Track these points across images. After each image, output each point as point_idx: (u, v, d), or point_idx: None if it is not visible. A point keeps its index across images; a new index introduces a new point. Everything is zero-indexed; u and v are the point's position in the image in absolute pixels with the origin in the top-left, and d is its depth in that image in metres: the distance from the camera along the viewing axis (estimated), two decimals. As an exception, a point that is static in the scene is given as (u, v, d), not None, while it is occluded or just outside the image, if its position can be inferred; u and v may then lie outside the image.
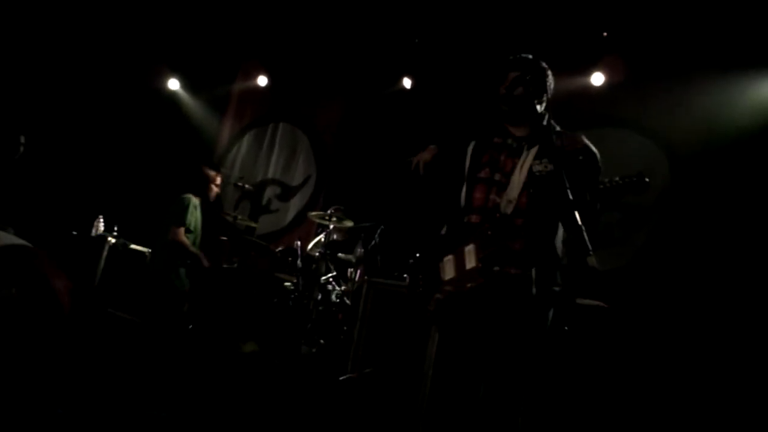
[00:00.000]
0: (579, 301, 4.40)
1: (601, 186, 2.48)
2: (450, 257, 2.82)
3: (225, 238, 6.67)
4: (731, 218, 5.40)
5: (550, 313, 2.75)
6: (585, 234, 2.30)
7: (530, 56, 2.97)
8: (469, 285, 2.67)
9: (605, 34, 6.28)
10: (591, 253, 2.26)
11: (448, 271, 2.81)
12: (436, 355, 3.05)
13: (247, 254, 6.43)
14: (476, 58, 6.77)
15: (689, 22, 5.84)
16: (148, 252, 6.72)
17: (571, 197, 2.37)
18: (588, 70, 6.42)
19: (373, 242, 5.96)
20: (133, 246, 6.83)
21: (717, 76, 5.69)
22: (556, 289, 2.73)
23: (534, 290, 2.66)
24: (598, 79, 6.41)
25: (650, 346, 4.89)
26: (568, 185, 2.40)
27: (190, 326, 5.70)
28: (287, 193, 8.40)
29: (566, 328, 2.64)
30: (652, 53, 6.12)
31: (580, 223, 2.29)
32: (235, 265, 6.34)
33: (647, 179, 2.47)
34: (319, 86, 8.29)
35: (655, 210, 5.90)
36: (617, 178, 2.49)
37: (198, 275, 5.63)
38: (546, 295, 2.70)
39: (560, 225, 2.69)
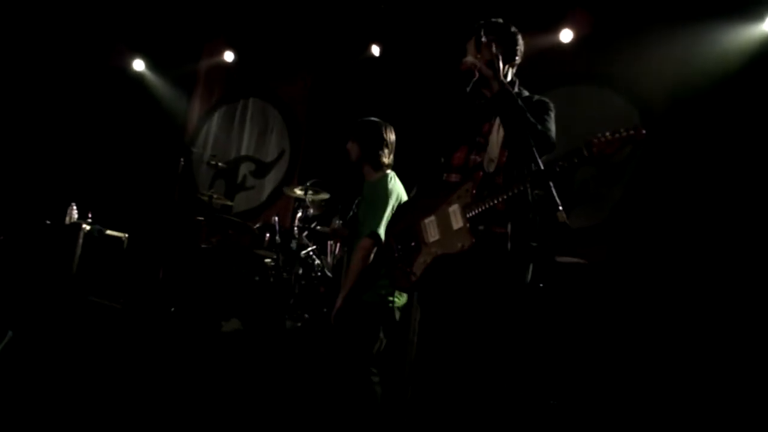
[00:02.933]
0: (558, 258, 4.43)
1: (596, 140, 2.44)
2: (432, 218, 2.79)
3: (201, 218, 6.61)
4: (704, 169, 5.44)
5: (529, 270, 2.76)
6: (554, 189, 2.30)
7: (500, 20, 2.94)
8: (460, 245, 2.65)
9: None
10: (560, 208, 2.25)
11: (432, 233, 2.77)
12: (420, 320, 3.03)
13: (225, 233, 6.37)
14: (443, 21, 6.71)
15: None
16: (125, 237, 6.65)
17: (537, 154, 2.39)
18: (556, 28, 6.37)
19: (351, 213, 5.92)
20: (109, 232, 6.75)
21: (684, 27, 5.68)
22: (533, 245, 2.73)
23: (509, 246, 2.66)
24: (566, 36, 6.37)
25: (629, 301, 4.93)
26: (533, 143, 2.42)
27: (172, 309, 5.66)
28: (262, 169, 8.32)
29: (541, 284, 2.64)
30: (618, 6, 6.09)
31: (549, 181, 2.29)
32: (214, 244, 6.30)
33: (644, 131, 2.44)
34: (287, 59, 8.17)
35: (628, 164, 5.92)
36: (615, 131, 2.46)
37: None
38: (522, 252, 2.70)
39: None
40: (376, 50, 7.43)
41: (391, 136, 3.88)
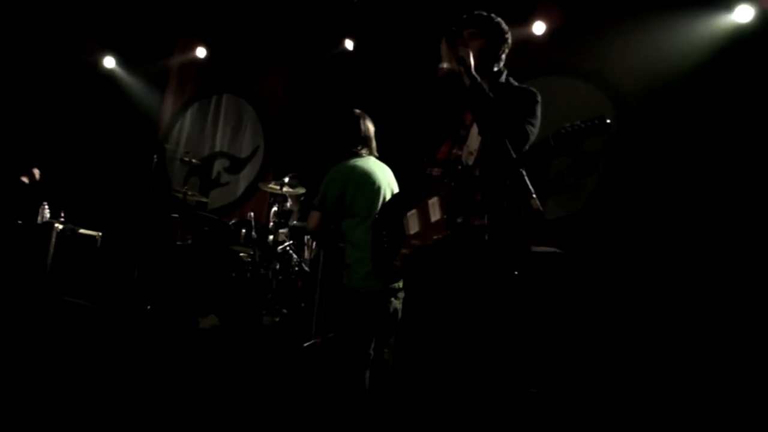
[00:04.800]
0: (534, 248, 4.47)
1: (563, 131, 2.48)
2: (413, 211, 2.83)
3: (176, 215, 6.56)
4: (677, 159, 5.51)
5: (506, 260, 2.77)
6: (526, 178, 2.33)
7: (484, 13, 2.95)
8: (435, 237, 2.68)
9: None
10: (533, 195, 2.28)
11: (413, 226, 2.82)
12: (402, 311, 3.05)
13: (200, 230, 6.33)
14: (417, 13, 6.72)
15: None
16: (98, 235, 6.58)
17: (509, 146, 2.42)
18: (529, 20, 6.40)
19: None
20: (82, 231, 6.68)
21: (655, 18, 5.75)
22: (509, 234, 2.75)
23: (487, 237, 2.68)
24: (538, 28, 6.41)
25: (604, 290, 4.99)
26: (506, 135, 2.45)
27: (148, 307, 5.62)
28: (237, 165, 8.28)
29: (516, 273, 2.65)
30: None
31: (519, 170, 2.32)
32: (189, 241, 6.25)
33: (608, 120, 2.48)
34: (261, 54, 8.12)
35: (603, 155, 5.98)
36: (578, 122, 2.49)
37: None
38: (500, 242, 2.72)
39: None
40: (350, 45, 7.41)
41: (369, 127, 3.92)
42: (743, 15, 5.44)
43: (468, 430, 2.68)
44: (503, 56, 2.96)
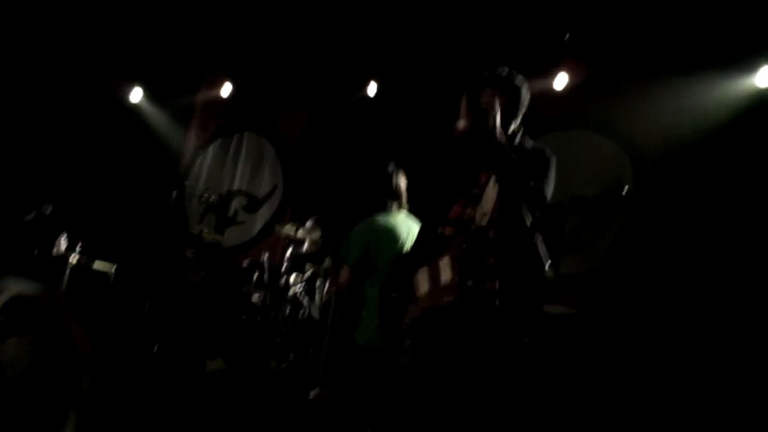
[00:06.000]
0: (547, 308, 4.38)
1: (581, 198, 2.45)
2: (424, 270, 2.78)
3: (190, 252, 6.55)
4: (696, 218, 5.43)
5: (518, 325, 2.71)
6: (540, 245, 2.28)
7: (505, 70, 2.92)
8: (445, 299, 2.63)
9: (567, 35, 6.27)
10: (548, 265, 2.23)
11: (423, 285, 2.76)
12: (409, 371, 2.99)
13: (213, 269, 6.32)
14: (441, 60, 6.76)
15: (649, 23, 5.87)
16: (112, 271, 6.57)
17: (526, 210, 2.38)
18: (550, 73, 6.39)
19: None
20: (96, 266, 6.65)
21: (678, 78, 5.73)
22: (521, 300, 2.69)
23: (498, 302, 2.62)
24: (560, 81, 6.40)
25: (622, 351, 4.88)
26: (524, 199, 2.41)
27: (156, 346, 5.58)
28: (254, 204, 8.28)
29: (526, 340, 2.59)
30: (613, 55, 6.14)
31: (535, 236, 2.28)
32: (201, 279, 6.23)
33: (625, 191, 2.44)
34: (284, 94, 8.18)
35: (619, 212, 5.91)
36: (597, 190, 2.46)
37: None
38: (512, 307, 2.66)
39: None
40: (373, 89, 7.43)
41: (401, 181, 4.04)
42: (765, 79, 5.39)
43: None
44: (521, 116, 2.92)
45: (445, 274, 2.65)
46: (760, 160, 5.27)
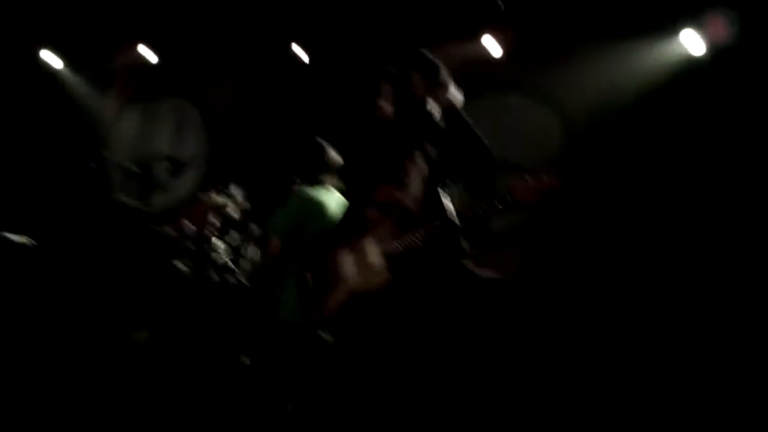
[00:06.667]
0: (475, 269, 4.40)
1: (518, 186, 2.43)
2: (350, 254, 2.72)
3: (113, 222, 6.31)
4: (622, 181, 5.53)
5: (447, 303, 2.70)
6: (462, 239, 2.28)
7: (428, 54, 2.88)
8: (375, 283, 2.59)
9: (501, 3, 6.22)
10: (467, 255, 2.23)
11: (349, 269, 2.70)
12: (331, 355, 2.95)
13: (139, 238, 6.11)
14: (369, 25, 6.63)
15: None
16: (30, 242, 6.29)
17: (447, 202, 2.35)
18: (479, 37, 6.35)
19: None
20: (11, 236, 6.35)
21: (607, 43, 5.77)
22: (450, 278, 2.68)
23: (427, 281, 2.60)
24: (492, 46, 6.36)
25: (549, 311, 4.96)
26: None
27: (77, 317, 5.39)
28: (178, 168, 8.00)
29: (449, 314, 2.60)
30: (544, 19, 6.15)
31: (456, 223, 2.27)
32: (126, 249, 6.03)
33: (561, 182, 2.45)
34: (209, 59, 7.89)
35: (557, 176, 5.95)
36: (529, 178, 2.45)
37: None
38: (441, 287, 2.65)
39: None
40: (302, 54, 7.23)
41: (334, 157, 4.04)
42: (690, 45, 5.48)
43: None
44: (440, 96, 2.89)
45: (375, 258, 2.61)
46: (686, 121, 5.39)
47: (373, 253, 2.62)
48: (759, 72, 5.11)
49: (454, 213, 2.47)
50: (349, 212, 2.92)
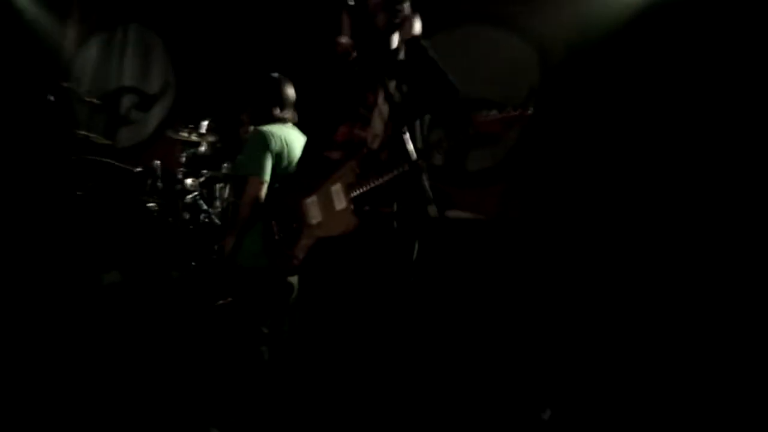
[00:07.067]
0: (451, 214, 4.35)
1: (483, 119, 2.33)
2: (313, 198, 2.63)
3: (76, 159, 6.13)
4: (599, 116, 5.44)
5: (415, 248, 2.65)
6: (426, 182, 2.18)
7: None
8: (342, 228, 2.52)
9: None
10: (431, 203, 2.14)
11: (314, 214, 2.62)
12: (300, 302, 2.89)
13: (104, 177, 5.96)
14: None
15: None
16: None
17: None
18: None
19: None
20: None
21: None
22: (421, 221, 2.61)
23: (396, 225, 2.54)
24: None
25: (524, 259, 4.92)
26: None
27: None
28: (146, 101, 7.78)
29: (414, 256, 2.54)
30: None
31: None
32: (91, 189, 5.88)
33: (529, 111, 2.34)
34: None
35: (525, 107, 5.85)
36: (495, 111, 2.34)
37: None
38: (410, 229, 2.58)
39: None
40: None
41: (290, 91, 3.82)
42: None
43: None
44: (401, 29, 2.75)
45: (339, 202, 2.53)
46: (663, 54, 5.27)
47: (338, 196, 2.53)
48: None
49: (415, 153, 2.35)
50: (310, 153, 2.82)
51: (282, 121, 3.75)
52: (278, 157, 3.59)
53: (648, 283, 4.72)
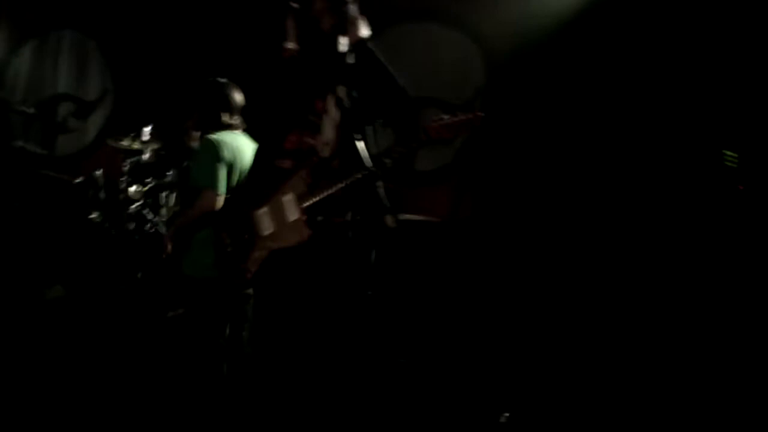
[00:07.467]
0: (404, 216, 4.33)
1: (435, 124, 2.31)
2: (265, 209, 2.57)
3: (13, 172, 5.92)
4: (543, 116, 5.50)
5: (372, 255, 2.61)
6: (381, 191, 2.16)
7: None
8: (296, 239, 2.46)
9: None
10: (389, 212, 2.12)
11: (266, 226, 2.56)
12: (254, 314, 2.83)
13: (40, 190, 5.77)
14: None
15: None
16: None
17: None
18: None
19: (184, 165, 5.50)
20: None
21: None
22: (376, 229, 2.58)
23: (350, 234, 2.50)
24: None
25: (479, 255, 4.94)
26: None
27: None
28: (84, 109, 7.54)
29: (369, 292, 2.52)
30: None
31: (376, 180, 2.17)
32: (29, 202, 5.69)
33: (481, 115, 2.33)
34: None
35: (473, 105, 5.89)
36: (447, 117, 2.33)
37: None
38: (364, 238, 2.55)
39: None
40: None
41: (237, 97, 3.64)
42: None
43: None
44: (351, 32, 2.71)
45: (292, 213, 2.48)
46: (606, 53, 5.34)
47: (290, 206, 2.48)
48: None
49: (369, 159, 2.32)
50: (260, 162, 2.76)
51: (231, 127, 3.62)
52: (230, 167, 3.48)
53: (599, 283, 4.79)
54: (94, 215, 5.67)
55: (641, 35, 5.21)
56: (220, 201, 3.32)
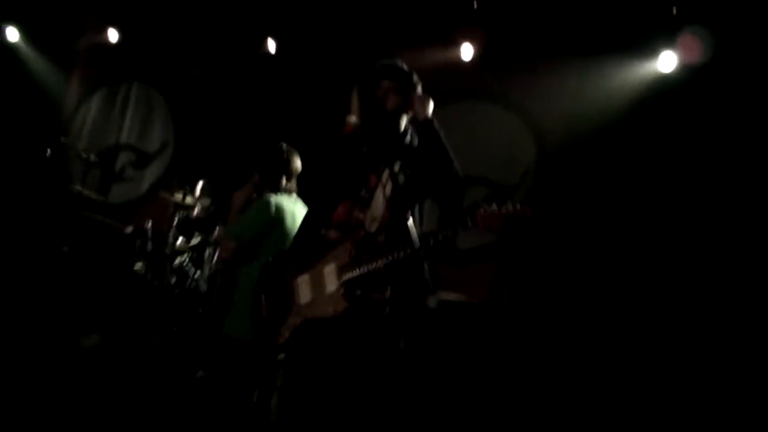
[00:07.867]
0: (442, 295, 4.28)
1: (483, 212, 2.29)
2: (305, 277, 2.55)
3: (66, 215, 6.05)
4: (593, 199, 5.45)
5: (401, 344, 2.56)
6: (427, 271, 2.13)
7: (404, 65, 2.72)
8: (331, 310, 2.43)
9: (475, 5, 6.06)
10: (433, 292, 2.08)
11: (304, 294, 2.54)
12: (284, 383, 2.79)
13: (89, 235, 5.87)
14: (342, 20, 6.45)
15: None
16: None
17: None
18: (456, 43, 6.18)
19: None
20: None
21: (580, 60, 5.67)
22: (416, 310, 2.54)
23: (387, 311, 2.45)
24: (466, 52, 6.21)
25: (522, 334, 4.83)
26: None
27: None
28: (143, 159, 7.76)
29: (401, 344, 2.46)
30: (518, 30, 6.01)
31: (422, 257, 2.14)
32: (78, 246, 5.79)
33: (531, 210, 2.31)
34: (177, 44, 7.55)
35: (519, 188, 5.89)
36: (495, 206, 2.31)
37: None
38: (401, 318, 2.50)
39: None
40: (272, 46, 7.00)
41: (296, 163, 3.83)
42: (667, 64, 5.40)
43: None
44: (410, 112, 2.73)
45: (331, 284, 2.44)
46: (660, 145, 5.30)
47: (330, 277, 2.46)
48: (731, 91, 5.06)
49: (417, 239, 2.30)
50: (307, 230, 2.77)
51: (288, 192, 3.75)
52: (282, 229, 3.57)
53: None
54: (138, 266, 5.74)
55: (694, 131, 5.18)
56: (234, 250, 3.45)
